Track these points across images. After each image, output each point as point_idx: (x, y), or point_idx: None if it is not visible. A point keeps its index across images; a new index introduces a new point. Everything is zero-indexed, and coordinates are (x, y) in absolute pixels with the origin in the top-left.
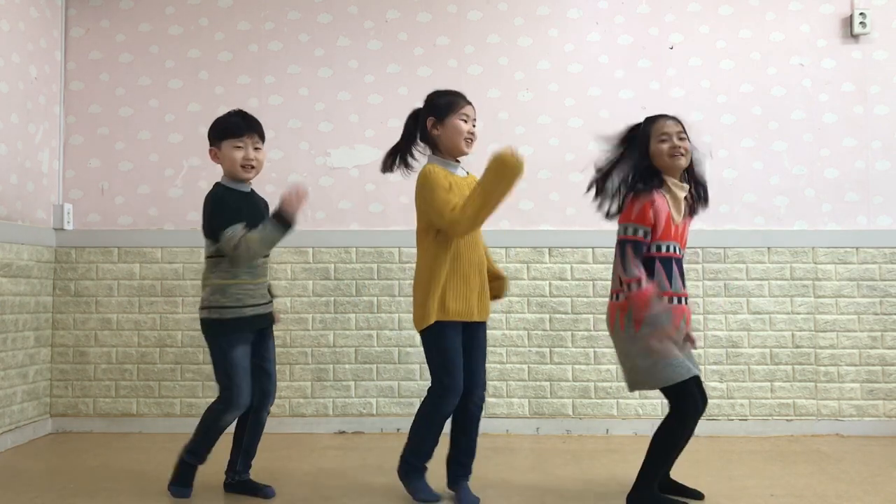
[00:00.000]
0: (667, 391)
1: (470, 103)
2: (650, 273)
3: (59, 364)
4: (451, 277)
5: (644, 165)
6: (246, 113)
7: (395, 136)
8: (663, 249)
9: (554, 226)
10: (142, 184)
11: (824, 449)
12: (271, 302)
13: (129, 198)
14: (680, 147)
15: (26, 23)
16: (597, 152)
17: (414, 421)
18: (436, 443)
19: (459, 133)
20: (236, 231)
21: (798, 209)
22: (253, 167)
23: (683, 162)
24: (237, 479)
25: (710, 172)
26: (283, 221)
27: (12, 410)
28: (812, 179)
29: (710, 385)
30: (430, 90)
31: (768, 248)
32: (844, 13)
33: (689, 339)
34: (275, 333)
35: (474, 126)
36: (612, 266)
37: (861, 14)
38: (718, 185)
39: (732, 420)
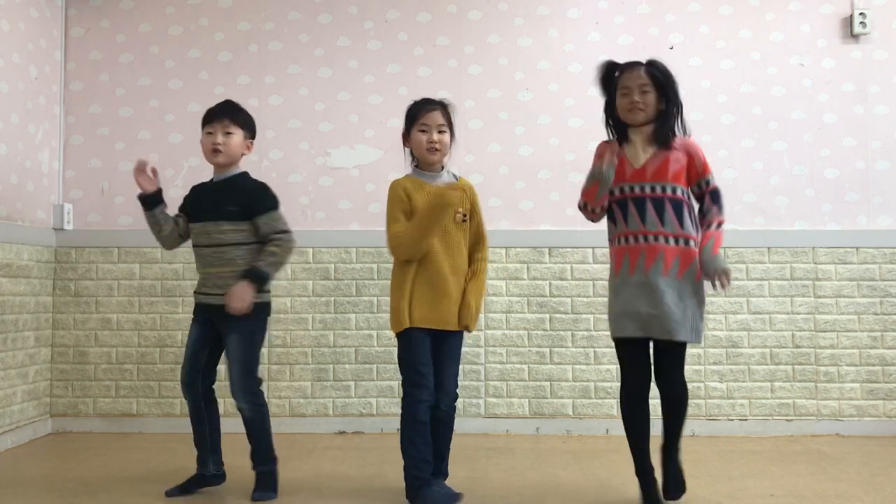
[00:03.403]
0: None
1: (435, 109)
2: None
3: (59, 364)
4: (418, 283)
5: (612, 115)
6: (224, 102)
7: (396, 135)
8: (616, 192)
9: (554, 226)
10: None
11: (824, 449)
12: (223, 295)
13: (129, 198)
14: (639, 102)
15: (26, 23)
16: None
17: (401, 440)
18: (428, 446)
19: (419, 144)
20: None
21: (798, 209)
22: (220, 151)
23: (641, 117)
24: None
25: None
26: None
27: (12, 410)
28: (812, 179)
29: (710, 385)
30: (430, 90)
31: (768, 248)
32: (844, 13)
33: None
34: (275, 333)
35: (441, 132)
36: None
37: (861, 14)
38: (718, 186)
39: (732, 420)
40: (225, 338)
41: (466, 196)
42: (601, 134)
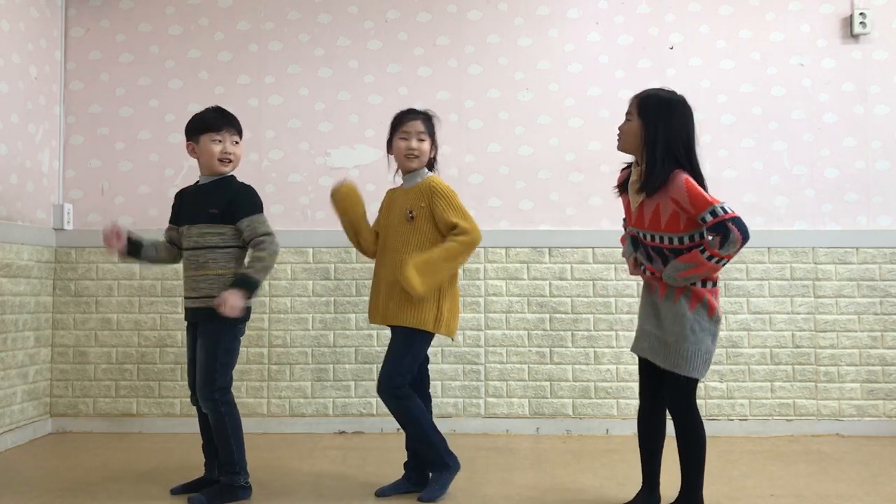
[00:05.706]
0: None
1: (417, 118)
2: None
3: (59, 364)
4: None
5: None
6: (224, 109)
7: None
8: (629, 229)
9: (554, 226)
10: (142, 184)
11: (824, 449)
12: (204, 297)
13: (129, 198)
14: (619, 132)
15: (26, 23)
16: (596, 152)
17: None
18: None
19: (399, 151)
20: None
21: (798, 209)
22: (231, 160)
23: (618, 146)
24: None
25: (711, 172)
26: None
27: (12, 410)
28: (812, 179)
29: (710, 385)
30: (430, 90)
31: (768, 248)
32: (844, 13)
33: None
34: (275, 333)
35: (421, 140)
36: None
37: (861, 14)
38: (718, 186)
39: (732, 420)
40: (199, 338)
41: (423, 195)
42: (601, 134)
